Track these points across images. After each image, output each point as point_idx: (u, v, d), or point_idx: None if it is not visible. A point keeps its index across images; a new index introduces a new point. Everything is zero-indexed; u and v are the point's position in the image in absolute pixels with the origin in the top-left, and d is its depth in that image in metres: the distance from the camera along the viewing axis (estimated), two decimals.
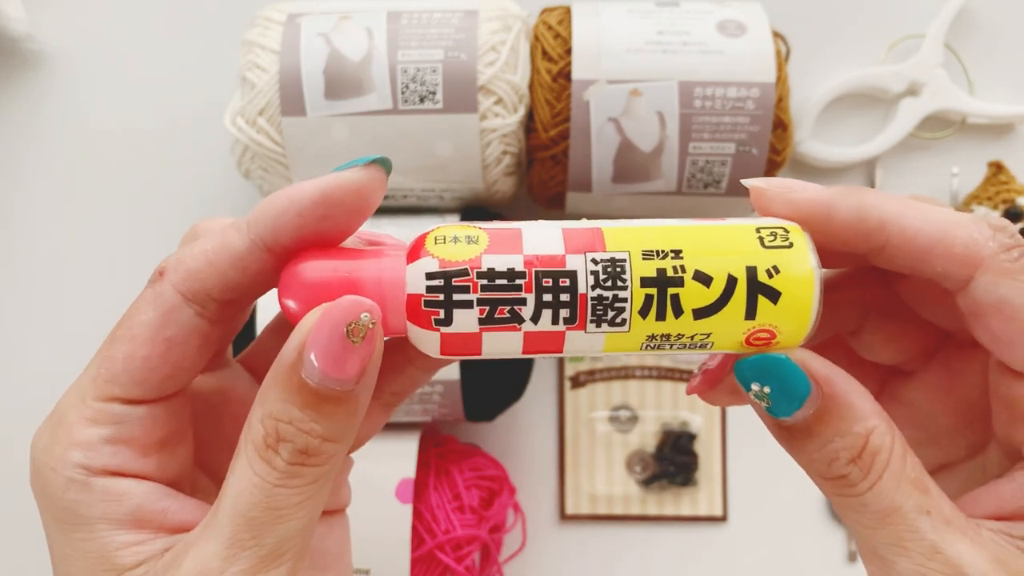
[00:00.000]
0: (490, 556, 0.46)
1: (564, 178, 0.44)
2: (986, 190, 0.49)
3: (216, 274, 0.20)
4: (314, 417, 0.19)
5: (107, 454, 0.20)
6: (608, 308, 0.19)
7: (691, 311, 0.19)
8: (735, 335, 0.20)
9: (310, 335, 0.18)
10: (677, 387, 0.51)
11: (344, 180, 0.19)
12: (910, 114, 0.50)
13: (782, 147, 0.43)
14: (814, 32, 0.51)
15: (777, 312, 0.19)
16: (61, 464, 0.19)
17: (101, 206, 0.52)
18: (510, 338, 0.19)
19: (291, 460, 0.19)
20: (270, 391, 0.19)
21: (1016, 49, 0.51)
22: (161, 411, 0.21)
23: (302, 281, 0.19)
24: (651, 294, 0.19)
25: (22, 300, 0.51)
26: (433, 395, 0.43)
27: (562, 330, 0.19)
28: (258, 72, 0.42)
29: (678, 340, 0.20)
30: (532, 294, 0.19)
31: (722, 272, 0.19)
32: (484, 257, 0.19)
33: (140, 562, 0.19)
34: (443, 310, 0.19)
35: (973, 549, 0.19)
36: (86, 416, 0.20)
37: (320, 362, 0.18)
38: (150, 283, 0.20)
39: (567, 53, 0.43)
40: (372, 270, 0.19)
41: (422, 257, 0.19)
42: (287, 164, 0.43)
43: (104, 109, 0.52)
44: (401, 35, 0.42)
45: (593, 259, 0.19)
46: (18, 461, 0.25)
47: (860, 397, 0.19)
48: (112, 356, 0.20)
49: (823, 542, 0.50)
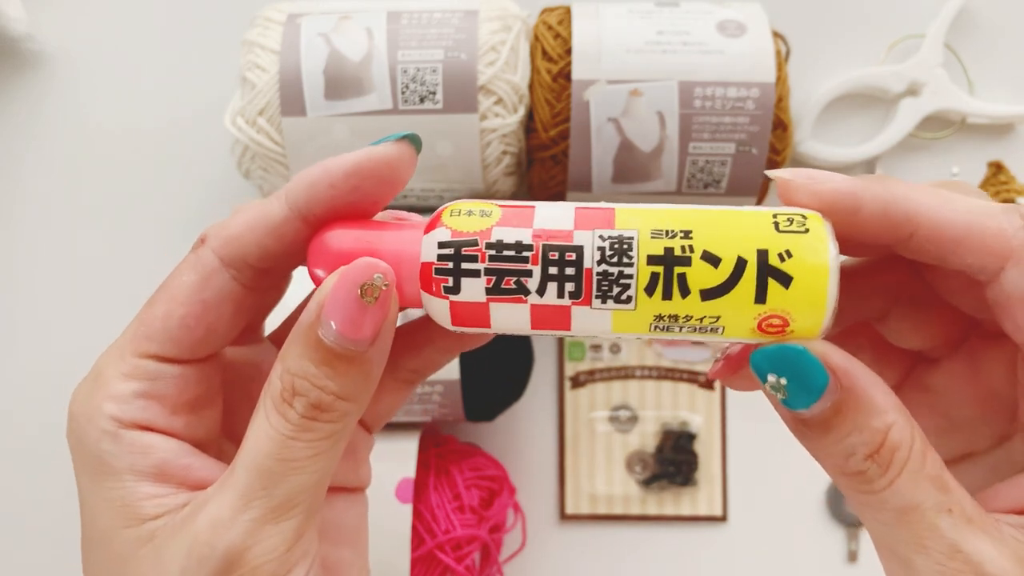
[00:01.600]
0: (490, 556, 0.46)
1: (564, 178, 0.44)
2: (986, 190, 0.49)
3: (254, 240, 0.21)
4: (328, 374, 0.19)
5: (138, 408, 0.21)
6: (613, 284, 0.19)
7: (698, 291, 0.19)
8: (746, 320, 0.19)
9: (328, 295, 0.19)
10: (677, 387, 0.51)
11: (376, 153, 0.20)
12: (910, 114, 0.50)
13: (782, 147, 0.43)
14: (814, 32, 0.51)
15: (790, 297, 0.19)
16: (97, 415, 0.20)
17: (101, 206, 0.52)
18: (517, 311, 0.20)
19: (304, 413, 0.19)
20: (290, 348, 0.20)
21: (1016, 49, 0.51)
22: (193, 373, 0.21)
23: (327, 249, 0.20)
24: (657, 272, 0.19)
25: (22, 300, 0.51)
26: (433, 395, 0.43)
27: (568, 305, 0.19)
28: (258, 72, 0.42)
29: (687, 322, 0.19)
30: (538, 266, 0.19)
31: (732, 253, 0.19)
32: (494, 229, 0.20)
33: (161, 513, 0.20)
34: (452, 277, 0.20)
35: (994, 547, 0.18)
36: (122, 371, 0.21)
37: (336, 321, 0.19)
38: (192, 249, 0.21)
39: (567, 53, 0.43)
40: (392, 241, 0.20)
41: (437, 228, 0.20)
42: (287, 164, 0.43)
43: (104, 109, 0.52)
44: (401, 35, 0.42)
45: (601, 235, 0.19)
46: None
47: (880, 391, 0.19)
48: (151, 315, 0.21)
49: (823, 542, 0.50)
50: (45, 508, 0.48)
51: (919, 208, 0.19)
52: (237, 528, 0.19)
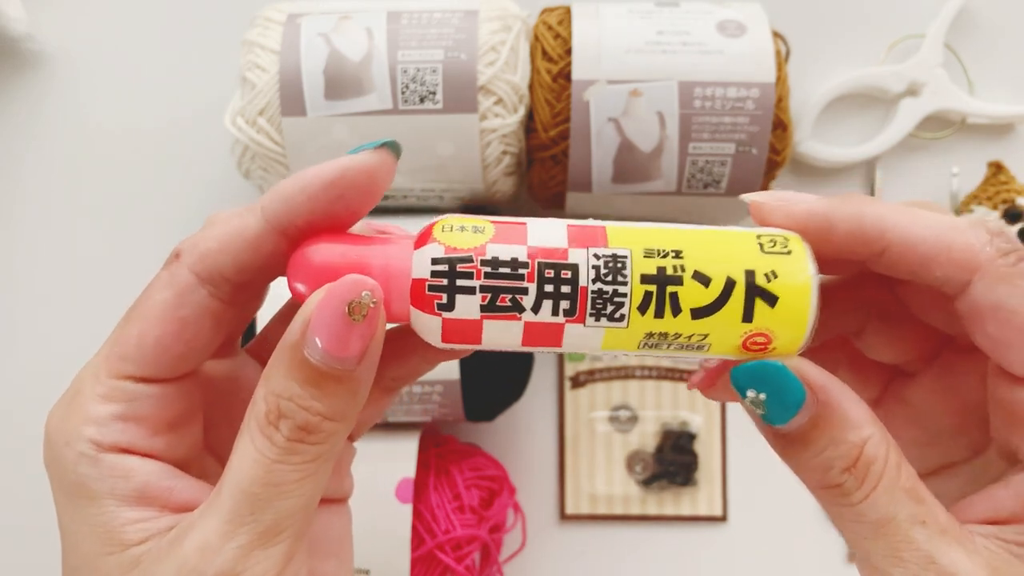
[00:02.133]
0: (490, 556, 0.46)
1: (564, 178, 0.44)
2: (986, 190, 0.49)
3: (230, 255, 0.20)
4: (315, 395, 0.19)
5: (117, 431, 0.20)
6: (608, 302, 0.19)
7: (689, 310, 0.19)
8: (732, 338, 0.20)
9: (314, 313, 0.19)
10: (677, 387, 0.51)
11: (354, 163, 0.20)
12: (910, 114, 0.50)
13: (782, 147, 0.43)
14: (814, 32, 0.51)
15: (774, 316, 0.19)
16: (74, 438, 0.20)
17: (101, 206, 0.52)
18: (510, 328, 0.20)
19: (291, 436, 0.19)
20: (274, 368, 0.19)
21: (1016, 49, 0.51)
22: (172, 391, 0.21)
23: (311, 264, 0.20)
24: (651, 291, 0.19)
25: (22, 300, 0.51)
26: (433, 395, 0.43)
27: (561, 322, 0.19)
28: (258, 72, 0.42)
29: (675, 339, 0.20)
30: (534, 284, 0.19)
31: (721, 274, 0.19)
32: (489, 246, 0.19)
33: (145, 538, 0.20)
34: (446, 295, 0.19)
35: (968, 558, 0.19)
36: (99, 392, 0.20)
37: (322, 340, 0.19)
38: (165, 265, 0.21)
39: (567, 53, 0.43)
40: (379, 256, 0.20)
41: (429, 243, 0.19)
42: (287, 164, 0.43)
43: (104, 109, 0.52)
44: (401, 35, 0.42)
45: (595, 254, 0.19)
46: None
47: (855, 406, 0.20)
48: (126, 334, 0.20)
49: (823, 542, 0.50)
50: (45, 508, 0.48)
51: (890, 225, 0.20)
52: (226, 554, 0.19)
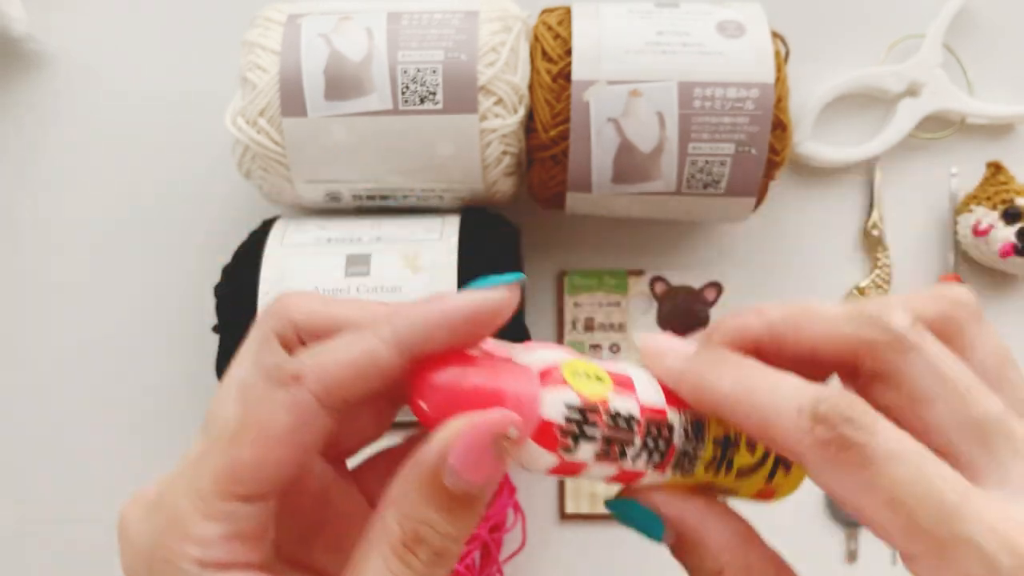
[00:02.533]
0: (490, 556, 0.46)
1: (564, 178, 0.44)
2: (985, 190, 0.49)
3: (359, 384, 0.20)
4: (449, 520, 0.20)
5: (223, 550, 0.20)
6: (688, 459, 0.22)
7: (736, 469, 0.23)
8: (750, 492, 0.24)
9: (457, 442, 0.19)
10: None
11: (493, 301, 0.20)
12: (909, 114, 0.50)
13: (781, 147, 0.43)
14: (814, 32, 0.51)
15: (789, 478, 0.24)
16: (177, 556, 0.20)
17: (101, 206, 0.52)
18: (608, 469, 0.21)
19: (428, 561, 0.20)
20: (409, 493, 0.20)
21: (1016, 49, 0.52)
22: (273, 503, 0.21)
23: (439, 387, 0.20)
24: (717, 453, 0.23)
25: (22, 300, 0.51)
26: None
27: (646, 470, 0.22)
28: (258, 72, 0.42)
29: (717, 488, 0.24)
30: (640, 438, 0.21)
31: (762, 445, 0.23)
32: (611, 397, 0.21)
33: None
34: (573, 440, 0.20)
35: None
36: (203, 512, 0.20)
37: (462, 468, 0.19)
38: (282, 385, 0.20)
39: (567, 54, 0.43)
40: (511, 387, 0.20)
41: (561, 386, 0.20)
42: (287, 164, 0.43)
43: (104, 109, 0.52)
44: (401, 36, 0.42)
45: (684, 415, 0.22)
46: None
47: (714, 533, 0.21)
48: (239, 458, 0.20)
49: (823, 542, 0.50)
50: (44, 509, 0.48)
51: (720, 405, 0.21)
52: None
